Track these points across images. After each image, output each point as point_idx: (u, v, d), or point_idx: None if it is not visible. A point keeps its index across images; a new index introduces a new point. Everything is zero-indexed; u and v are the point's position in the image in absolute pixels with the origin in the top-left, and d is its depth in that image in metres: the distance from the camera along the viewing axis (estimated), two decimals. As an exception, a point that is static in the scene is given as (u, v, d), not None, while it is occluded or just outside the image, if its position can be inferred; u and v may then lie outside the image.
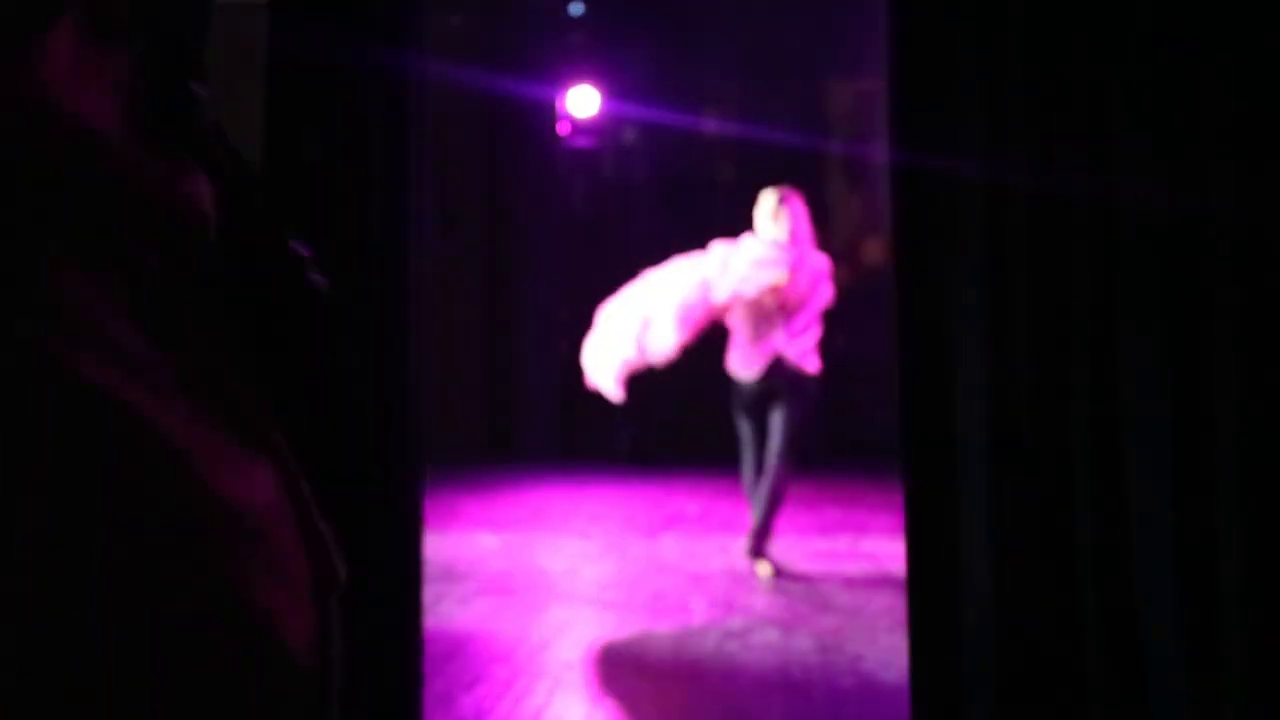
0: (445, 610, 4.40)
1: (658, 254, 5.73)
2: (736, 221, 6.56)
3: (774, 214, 5.03)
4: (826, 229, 10.78)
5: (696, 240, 5.47)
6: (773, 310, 4.96)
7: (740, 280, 4.92)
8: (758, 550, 5.21)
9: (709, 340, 5.31)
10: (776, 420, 5.02)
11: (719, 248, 5.12)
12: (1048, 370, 2.37)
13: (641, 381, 5.38)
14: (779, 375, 4.98)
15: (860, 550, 5.94)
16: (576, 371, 6.64)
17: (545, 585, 4.98)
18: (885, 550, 5.93)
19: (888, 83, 2.51)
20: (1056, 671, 2.34)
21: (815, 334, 5.08)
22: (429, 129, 2.72)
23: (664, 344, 4.96)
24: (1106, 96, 2.37)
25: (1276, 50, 2.28)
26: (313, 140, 2.52)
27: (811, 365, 5.04)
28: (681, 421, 8.44)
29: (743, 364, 5.05)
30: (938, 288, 2.43)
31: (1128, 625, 2.32)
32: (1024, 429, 2.37)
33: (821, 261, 5.13)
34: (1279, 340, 2.28)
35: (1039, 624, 2.35)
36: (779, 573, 5.15)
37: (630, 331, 5.01)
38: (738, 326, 5.05)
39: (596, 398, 5.63)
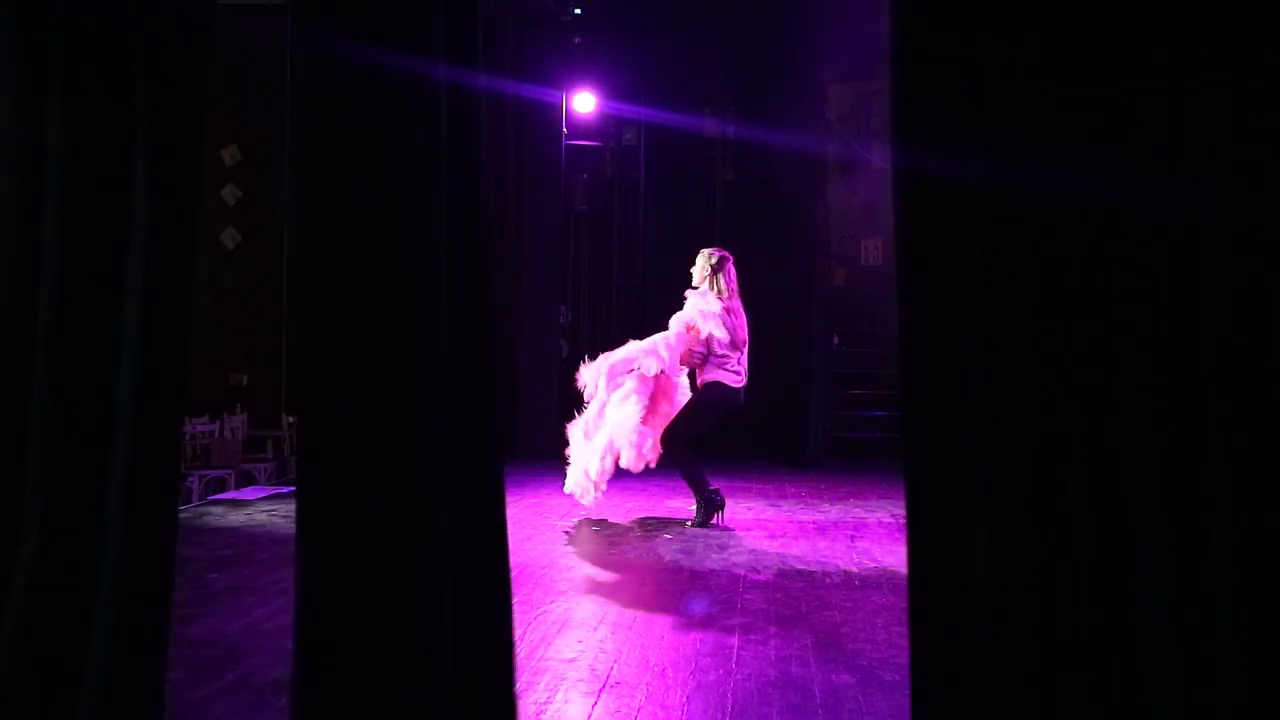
0: (446, 607, 4.44)
1: (657, 253, 5.82)
2: (735, 220, 6.59)
3: (716, 272, 6.37)
4: (824, 230, 10.82)
5: (695, 240, 5.52)
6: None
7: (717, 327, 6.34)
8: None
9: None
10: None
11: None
12: (1047, 368, 2.39)
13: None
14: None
15: (859, 547, 5.97)
16: (576, 371, 6.70)
17: (546, 583, 5.00)
18: (884, 547, 5.96)
19: (889, 83, 2.52)
20: (1057, 669, 2.36)
21: None
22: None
23: (655, 367, 6.39)
24: (1105, 97, 2.39)
25: (1276, 50, 2.30)
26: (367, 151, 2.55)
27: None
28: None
29: (736, 380, 6.45)
30: (939, 287, 2.45)
31: (1127, 621, 2.34)
32: (1024, 427, 2.39)
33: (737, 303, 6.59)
34: (1278, 340, 2.30)
35: (1039, 621, 2.37)
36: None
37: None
38: (726, 353, 6.40)
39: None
